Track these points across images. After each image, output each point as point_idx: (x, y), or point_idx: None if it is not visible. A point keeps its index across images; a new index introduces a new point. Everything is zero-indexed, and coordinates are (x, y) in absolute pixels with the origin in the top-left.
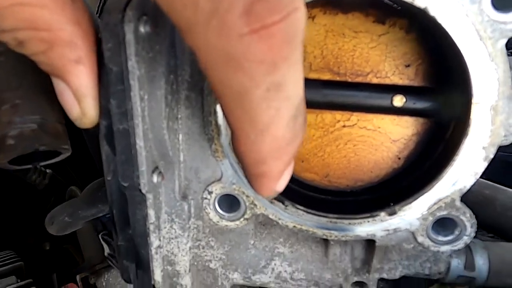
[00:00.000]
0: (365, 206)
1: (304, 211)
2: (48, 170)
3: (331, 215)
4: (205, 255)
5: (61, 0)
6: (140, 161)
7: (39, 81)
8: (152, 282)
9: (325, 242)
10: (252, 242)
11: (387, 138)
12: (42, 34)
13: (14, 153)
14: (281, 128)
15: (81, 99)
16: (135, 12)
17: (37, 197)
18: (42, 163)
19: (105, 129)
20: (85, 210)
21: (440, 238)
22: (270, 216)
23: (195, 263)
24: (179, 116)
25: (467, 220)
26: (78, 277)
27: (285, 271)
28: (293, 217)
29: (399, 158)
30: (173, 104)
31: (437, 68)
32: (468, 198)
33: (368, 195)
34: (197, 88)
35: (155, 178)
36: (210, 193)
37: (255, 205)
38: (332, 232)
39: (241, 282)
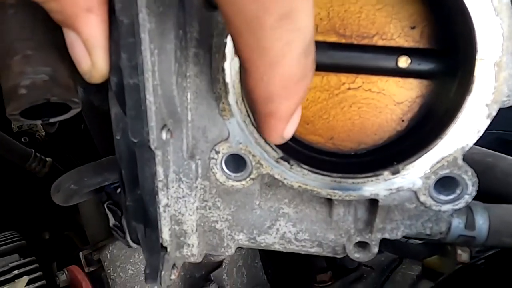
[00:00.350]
0: (369, 166)
1: (309, 170)
2: (48, 159)
3: (335, 175)
4: (212, 216)
5: None
6: (150, 116)
7: (50, 35)
8: (160, 241)
9: (329, 202)
10: (257, 202)
11: (392, 100)
12: None
13: (26, 102)
14: (291, 62)
15: (91, 50)
16: None
17: (37, 186)
18: (52, 119)
19: (115, 86)
20: (91, 177)
21: (442, 197)
22: (276, 176)
23: (202, 224)
24: (188, 74)
25: (469, 179)
26: (81, 254)
27: (290, 231)
28: (298, 177)
29: (403, 121)
30: (182, 60)
31: (441, 30)
32: (470, 166)
33: (372, 157)
34: (205, 45)
35: (164, 135)
36: (217, 152)
37: (261, 164)
38: (336, 191)
39: (246, 243)
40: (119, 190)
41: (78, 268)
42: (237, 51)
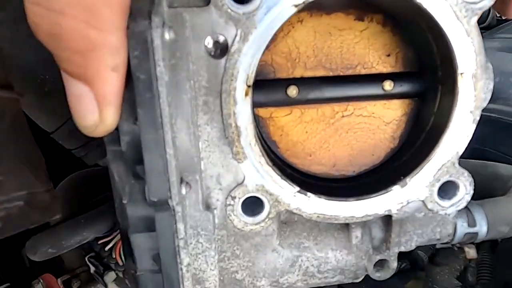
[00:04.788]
0: (378, 185)
1: (326, 199)
2: None
3: (350, 199)
4: (231, 266)
5: (125, 2)
6: (171, 171)
7: (19, 149)
8: None
9: (346, 227)
10: (277, 242)
11: (381, 121)
12: (91, 32)
13: (3, 235)
14: None
15: (105, 106)
16: (160, 19)
17: None
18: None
19: (126, 146)
20: (69, 239)
21: (446, 201)
22: (294, 211)
23: (222, 278)
24: (198, 123)
25: (466, 180)
26: (59, 280)
27: (312, 265)
28: (316, 207)
29: (394, 138)
30: (194, 110)
31: (413, 54)
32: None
33: (376, 176)
34: (214, 92)
35: (183, 189)
36: (233, 198)
37: (279, 202)
38: (353, 215)
39: None
40: (107, 247)
41: (53, 276)
42: None
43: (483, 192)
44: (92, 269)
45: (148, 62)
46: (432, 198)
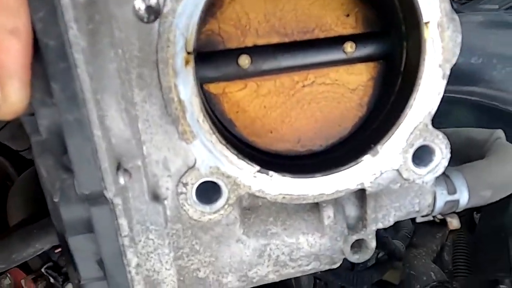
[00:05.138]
0: (348, 157)
1: (291, 177)
2: None
3: (318, 174)
4: (192, 264)
5: None
6: (101, 156)
7: None
8: None
9: (317, 207)
10: (241, 231)
11: (346, 88)
12: None
13: None
14: None
15: (5, 79)
16: None
17: None
18: None
19: (46, 132)
20: (20, 252)
21: (422, 168)
22: (257, 194)
23: (181, 278)
24: (134, 100)
25: (441, 142)
26: (23, 282)
27: (283, 253)
28: (280, 187)
29: (361, 106)
30: (126, 85)
31: (374, 13)
32: None
33: (346, 148)
34: (149, 62)
35: (121, 178)
36: (185, 185)
37: (238, 185)
38: (322, 192)
39: (236, 284)
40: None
41: (22, 272)
42: None
43: (460, 160)
44: (51, 279)
45: (57, 25)
46: (407, 166)
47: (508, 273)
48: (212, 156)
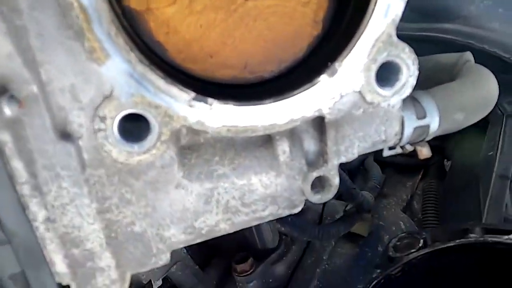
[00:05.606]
0: (302, 79)
1: (235, 104)
2: None
3: (267, 101)
4: (124, 217)
5: None
6: None
7: None
8: (56, 279)
9: (270, 141)
10: (181, 174)
11: (297, 2)
12: None
13: None
14: None
15: None
16: None
17: None
18: None
19: None
20: None
21: (387, 89)
22: (195, 127)
23: (113, 234)
24: (20, 7)
25: (408, 57)
26: None
27: (233, 197)
28: (223, 118)
29: (316, 22)
30: None
31: None
32: None
33: (300, 72)
34: None
35: (5, 107)
36: (103, 119)
37: (170, 117)
38: (274, 122)
39: (182, 238)
40: None
41: None
42: None
43: (430, 87)
44: None
45: None
46: (370, 87)
47: (479, 222)
48: (133, 81)
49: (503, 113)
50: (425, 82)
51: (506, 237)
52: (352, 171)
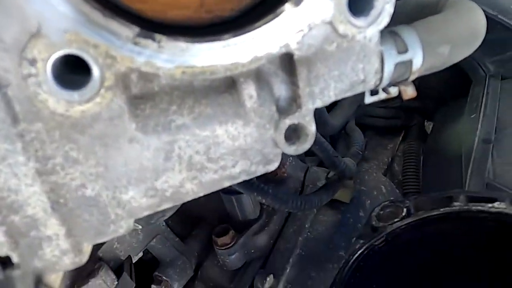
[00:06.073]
0: (264, 10)
1: (187, 41)
2: None
3: (226, 36)
4: (72, 179)
5: None
6: None
7: None
8: None
9: (234, 86)
10: (133, 126)
11: None
12: None
13: None
14: None
15: None
16: None
17: None
18: None
19: None
20: None
21: (362, 19)
22: (143, 68)
23: (62, 200)
24: None
25: None
26: None
27: (197, 152)
28: (176, 58)
29: None
30: None
31: None
32: None
33: (262, 3)
34: None
35: None
36: (33, 62)
37: (113, 58)
38: (236, 60)
39: (143, 201)
40: None
41: None
42: None
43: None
44: None
45: None
46: (342, 16)
47: (463, 190)
48: (64, 16)
49: (486, 73)
50: (407, 22)
51: (490, 205)
52: (334, 137)
